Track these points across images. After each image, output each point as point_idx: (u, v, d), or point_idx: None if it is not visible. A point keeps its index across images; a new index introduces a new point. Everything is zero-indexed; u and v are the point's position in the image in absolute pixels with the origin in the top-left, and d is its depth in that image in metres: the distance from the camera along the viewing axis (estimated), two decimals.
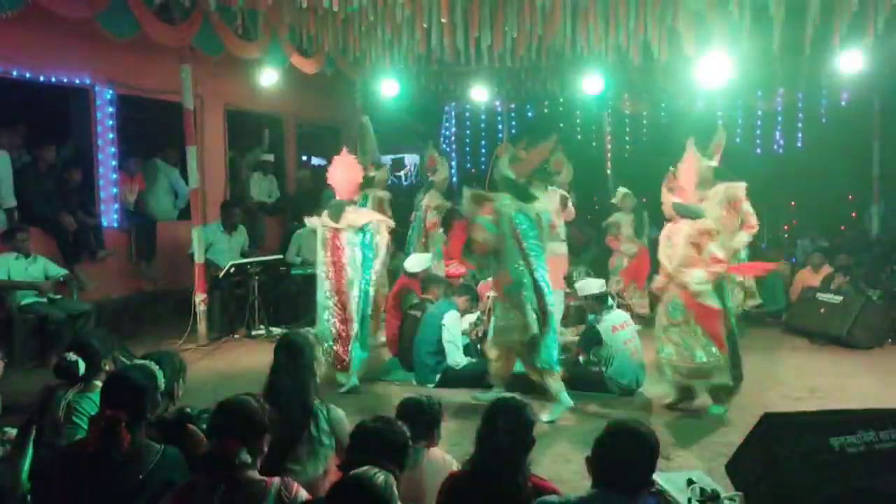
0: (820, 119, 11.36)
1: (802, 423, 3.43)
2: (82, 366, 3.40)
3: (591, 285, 6.21)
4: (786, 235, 11.69)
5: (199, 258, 7.47)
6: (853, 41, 6.64)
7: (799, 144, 11.70)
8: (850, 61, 7.19)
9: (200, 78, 7.84)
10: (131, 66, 7.95)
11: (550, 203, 7.54)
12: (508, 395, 3.00)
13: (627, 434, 2.43)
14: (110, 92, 8.02)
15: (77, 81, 7.78)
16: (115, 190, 8.11)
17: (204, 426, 3.09)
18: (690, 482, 3.17)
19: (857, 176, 10.67)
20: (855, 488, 3.09)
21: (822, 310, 7.73)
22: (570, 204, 7.47)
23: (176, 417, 3.08)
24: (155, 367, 2.87)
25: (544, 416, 5.02)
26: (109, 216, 8.03)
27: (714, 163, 6.11)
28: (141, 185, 8.57)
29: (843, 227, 11.34)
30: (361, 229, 5.91)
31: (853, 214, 11.49)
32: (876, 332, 7.41)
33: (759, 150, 11.84)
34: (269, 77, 8.36)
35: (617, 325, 5.89)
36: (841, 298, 7.68)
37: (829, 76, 8.44)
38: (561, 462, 4.44)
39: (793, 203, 11.89)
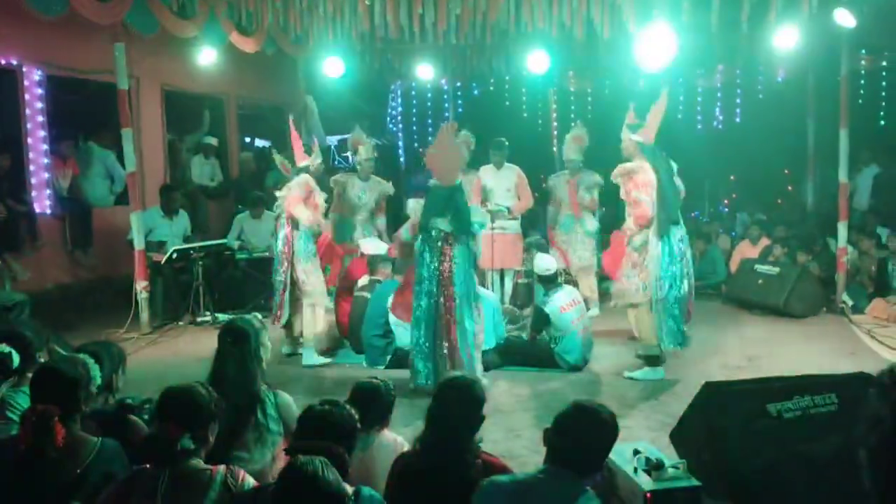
0: (757, 95, 11.65)
1: (741, 390, 3.54)
2: (16, 358, 3.27)
3: (545, 263, 6.23)
4: (726, 209, 12.00)
5: (138, 244, 7.27)
6: (789, 18, 6.80)
7: (738, 120, 11.98)
8: (786, 38, 7.34)
9: (135, 57, 7.56)
10: (62, 45, 7.59)
11: (507, 179, 7.61)
12: (458, 373, 3.01)
13: (590, 417, 2.44)
14: (40, 72, 7.65)
15: (3, 62, 7.40)
16: (46, 175, 7.78)
17: (146, 417, 3.02)
18: (636, 452, 3.24)
19: (793, 151, 11.00)
20: (792, 452, 3.20)
21: (760, 281, 7.98)
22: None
23: (116, 409, 3.00)
24: (88, 358, 2.77)
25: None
26: (42, 203, 7.70)
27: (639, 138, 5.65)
28: (74, 169, 8.24)
29: (779, 201, 11.70)
30: None
31: (789, 188, 11.86)
32: (811, 301, 7.68)
33: (699, 126, 12.09)
34: (207, 56, 8.11)
35: (565, 304, 5.96)
36: (778, 270, 7.93)
37: (765, 53, 8.64)
38: (512, 437, 4.49)
39: (732, 177, 12.20)
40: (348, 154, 13.53)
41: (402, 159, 13.49)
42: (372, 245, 6.96)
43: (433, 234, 5.27)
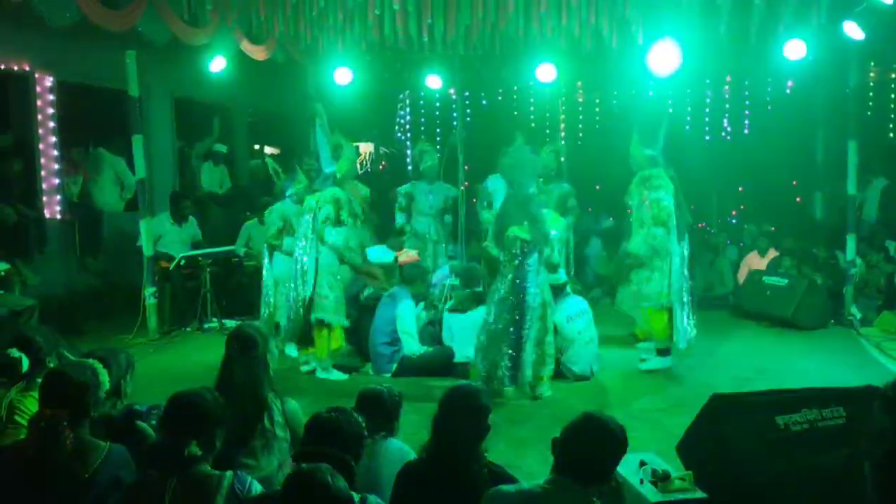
0: (766, 107, 11.63)
1: (749, 402, 3.53)
2: (25, 363, 3.30)
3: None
4: (734, 221, 11.97)
5: (147, 251, 7.31)
6: (797, 30, 6.80)
7: (746, 131, 11.95)
8: (794, 50, 7.34)
9: (146, 65, 7.62)
10: (73, 52, 7.67)
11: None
12: (464, 382, 3.01)
13: (598, 428, 2.43)
14: (51, 79, 7.74)
15: (16, 68, 7.49)
16: (57, 181, 7.85)
17: (153, 423, 3.03)
18: (643, 463, 3.23)
19: (802, 162, 10.97)
20: (800, 464, 3.19)
21: (769, 292, 7.95)
22: None
23: (123, 414, 3.01)
24: (97, 364, 2.78)
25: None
26: (52, 208, 7.77)
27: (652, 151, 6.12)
28: (85, 175, 8.32)
29: (787, 212, 11.65)
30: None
31: (798, 199, 11.82)
32: (819, 313, 7.65)
33: (708, 137, 12.07)
34: (217, 64, 8.15)
35: (572, 314, 5.95)
36: (786, 281, 7.91)
37: (774, 65, 8.64)
38: (518, 447, 4.48)
39: (741, 188, 12.16)
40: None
41: (409, 168, 13.52)
42: (380, 254, 6.96)
43: (510, 244, 5.24)
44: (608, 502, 2.57)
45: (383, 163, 13.12)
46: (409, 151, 13.47)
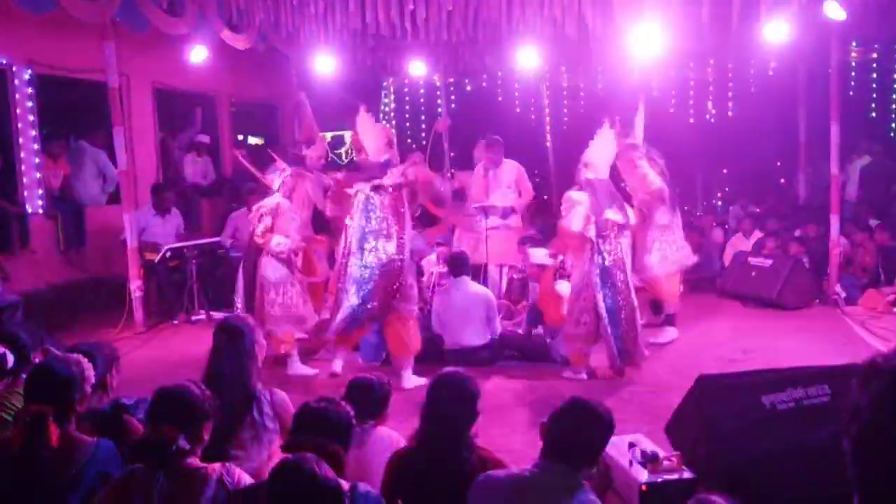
0: (749, 88, 11.67)
1: (735, 383, 3.55)
2: (10, 359, 3.27)
3: (538, 254, 6.28)
4: (719, 203, 12.03)
5: (131, 243, 7.24)
6: (778, 11, 6.81)
7: (730, 113, 12.00)
8: (776, 31, 7.36)
9: (126, 55, 7.52)
10: (52, 43, 7.55)
11: (507, 175, 7.53)
12: (452, 368, 3.01)
13: (585, 411, 2.45)
14: (29, 72, 7.62)
15: None
16: (38, 175, 7.75)
17: (141, 416, 3.02)
18: (632, 445, 3.26)
19: (785, 143, 11.04)
20: (786, 444, 3.22)
21: (754, 273, 8.01)
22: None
23: (110, 409, 2.99)
24: (82, 358, 2.76)
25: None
26: (34, 203, 7.68)
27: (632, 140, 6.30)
28: (66, 169, 8.21)
29: (771, 193, 11.73)
30: None
31: (781, 180, 11.90)
32: (804, 293, 7.72)
33: (692, 120, 12.10)
34: (198, 54, 8.06)
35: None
36: (771, 262, 7.96)
37: (756, 46, 8.66)
38: (508, 432, 4.50)
39: (725, 170, 12.22)
40: (341, 151, 13.55)
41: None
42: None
43: (604, 226, 5.38)
44: (597, 484, 2.59)
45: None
46: (394, 139, 13.39)
